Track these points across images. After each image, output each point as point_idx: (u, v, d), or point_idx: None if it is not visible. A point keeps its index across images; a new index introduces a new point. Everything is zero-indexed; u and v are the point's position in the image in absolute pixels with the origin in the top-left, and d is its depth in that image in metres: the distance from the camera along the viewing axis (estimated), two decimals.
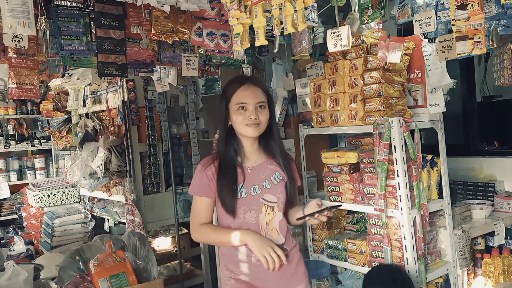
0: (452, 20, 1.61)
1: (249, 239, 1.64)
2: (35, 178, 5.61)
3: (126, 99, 3.52)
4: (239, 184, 1.70)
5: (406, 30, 2.80)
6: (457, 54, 1.62)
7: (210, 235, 1.74)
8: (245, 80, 1.76)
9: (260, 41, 1.75)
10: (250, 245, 1.64)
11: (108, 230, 4.14)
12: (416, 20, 1.78)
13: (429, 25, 1.75)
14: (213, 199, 1.73)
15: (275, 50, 1.78)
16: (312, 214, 1.63)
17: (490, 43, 2.08)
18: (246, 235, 1.65)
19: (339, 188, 2.45)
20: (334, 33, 1.82)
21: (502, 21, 1.92)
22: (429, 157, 2.34)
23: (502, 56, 2.63)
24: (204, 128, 4.52)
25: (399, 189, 2.15)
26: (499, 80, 2.72)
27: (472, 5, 1.55)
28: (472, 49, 1.57)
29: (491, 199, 2.78)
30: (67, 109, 4.48)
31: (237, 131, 1.74)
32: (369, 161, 2.28)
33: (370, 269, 2.25)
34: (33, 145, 5.75)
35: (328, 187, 2.52)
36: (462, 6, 1.57)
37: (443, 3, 1.82)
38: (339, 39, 1.80)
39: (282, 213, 1.77)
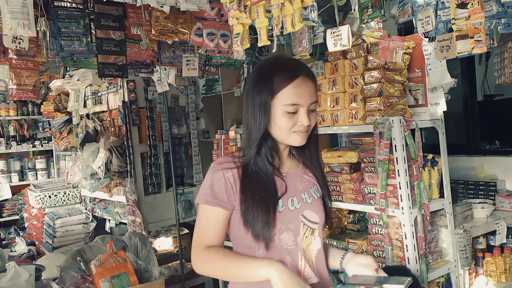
0: (452, 19, 1.61)
1: (274, 272, 1.14)
2: (36, 179, 5.63)
3: (126, 99, 3.52)
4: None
5: (406, 29, 2.80)
6: (458, 53, 1.62)
7: (221, 264, 1.23)
8: (299, 71, 1.30)
9: (263, 41, 1.75)
10: (275, 282, 1.14)
11: (109, 231, 4.15)
12: (419, 19, 1.78)
13: (428, 24, 1.75)
14: (229, 213, 1.29)
15: (273, 50, 1.77)
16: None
17: (491, 42, 2.08)
18: (269, 264, 1.16)
19: (340, 187, 2.45)
20: (334, 32, 1.82)
21: (502, 19, 1.92)
22: (430, 156, 2.34)
23: (502, 55, 2.62)
24: (205, 128, 4.52)
25: (400, 188, 2.14)
26: (500, 79, 2.71)
27: (472, 4, 1.55)
28: (473, 48, 1.57)
29: (493, 198, 2.78)
30: (67, 110, 4.49)
31: (274, 135, 1.33)
32: (369, 161, 2.28)
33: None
34: (34, 146, 5.77)
35: (329, 187, 2.52)
36: (462, 5, 1.57)
37: (443, 2, 1.82)
38: (339, 39, 1.80)
39: (321, 239, 1.38)
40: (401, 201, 2.14)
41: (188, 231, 4.23)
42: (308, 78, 1.30)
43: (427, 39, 2.20)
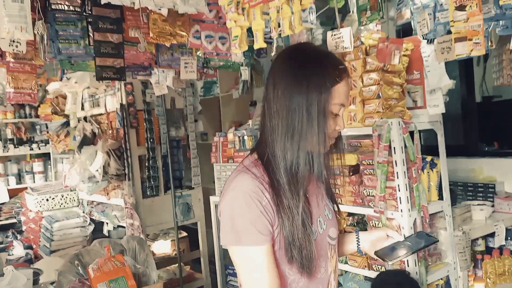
0: (451, 21, 1.61)
1: None
2: (34, 182, 5.61)
3: (124, 102, 3.51)
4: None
5: (405, 31, 2.80)
6: (456, 55, 1.62)
7: None
8: (345, 68, 1.15)
9: (259, 44, 1.75)
10: None
11: (107, 234, 4.13)
12: (418, 22, 1.78)
13: (424, 26, 1.75)
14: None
15: (273, 53, 1.76)
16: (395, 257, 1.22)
17: (489, 44, 2.08)
18: None
19: (339, 190, 2.44)
20: (334, 35, 1.81)
21: (500, 21, 1.92)
22: (429, 158, 2.34)
23: (501, 57, 2.62)
24: (203, 130, 4.52)
25: (399, 191, 2.14)
26: (498, 81, 2.71)
27: (470, 6, 1.54)
28: (471, 50, 1.57)
29: (491, 200, 2.77)
30: (65, 112, 4.47)
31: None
32: (368, 163, 2.27)
33: (378, 273, 2.23)
34: (31, 149, 5.75)
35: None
36: (460, 7, 1.57)
37: (441, 4, 1.82)
38: (340, 41, 1.79)
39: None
40: (400, 203, 2.14)
41: (186, 234, 4.21)
42: (349, 78, 1.17)
43: (425, 41, 2.20)
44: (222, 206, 1.10)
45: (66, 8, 2.16)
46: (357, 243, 1.35)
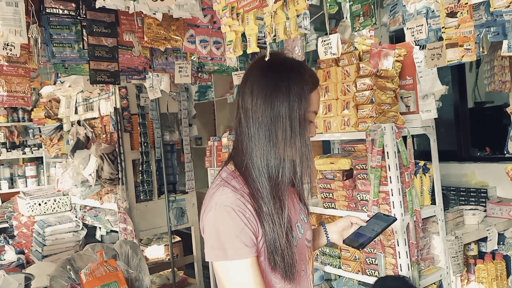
0: (442, 27, 1.63)
1: None
2: (26, 186, 5.57)
3: (118, 106, 3.51)
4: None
5: (397, 37, 2.82)
6: (448, 61, 1.64)
7: None
8: (317, 76, 1.20)
9: (252, 48, 1.75)
10: None
11: (99, 239, 4.10)
12: (407, 28, 1.79)
13: (420, 32, 1.77)
14: None
15: (266, 59, 1.76)
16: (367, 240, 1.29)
17: (480, 50, 2.10)
18: None
19: (333, 194, 2.45)
20: (324, 41, 1.83)
21: (491, 28, 1.94)
22: (422, 163, 2.35)
23: (492, 63, 2.65)
24: (197, 135, 4.52)
25: (392, 195, 2.15)
26: (490, 87, 2.74)
27: (461, 13, 1.57)
28: (462, 56, 1.59)
29: (484, 204, 2.79)
30: (58, 116, 4.46)
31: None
32: (362, 168, 2.28)
33: (377, 279, 2.22)
34: (24, 153, 5.71)
35: (322, 194, 2.52)
36: (452, 14, 1.59)
37: (433, 11, 1.84)
38: (329, 47, 1.81)
39: None
40: (393, 208, 2.15)
41: (179, 238, 4.20)
42: None
43: (418, 47, 2.22)
44: (205, 222, 1.10)
45: (60, 12, 2.15)
46: (326, 236, 1.41)
